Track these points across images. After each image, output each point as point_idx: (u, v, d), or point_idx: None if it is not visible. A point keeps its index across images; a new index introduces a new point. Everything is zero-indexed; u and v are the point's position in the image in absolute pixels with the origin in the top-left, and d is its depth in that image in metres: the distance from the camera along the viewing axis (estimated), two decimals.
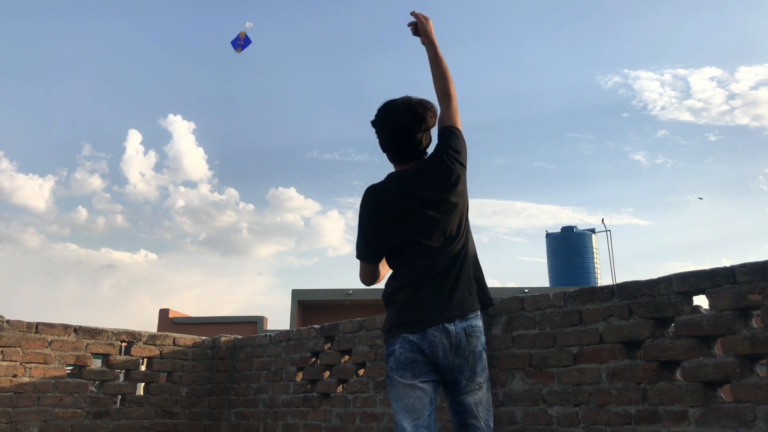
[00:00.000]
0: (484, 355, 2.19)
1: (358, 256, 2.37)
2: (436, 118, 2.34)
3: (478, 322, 2.17)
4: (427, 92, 2.41)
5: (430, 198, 2.22)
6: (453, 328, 2.09)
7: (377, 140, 2.37)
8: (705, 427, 2.65)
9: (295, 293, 20.07)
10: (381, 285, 2.43)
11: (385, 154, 2.38)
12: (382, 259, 2.36)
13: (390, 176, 2.35)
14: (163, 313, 22.77)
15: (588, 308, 3.16)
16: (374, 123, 2.35)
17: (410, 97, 2.31)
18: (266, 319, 22.03)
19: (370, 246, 2.32)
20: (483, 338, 2.17)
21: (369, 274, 2.39)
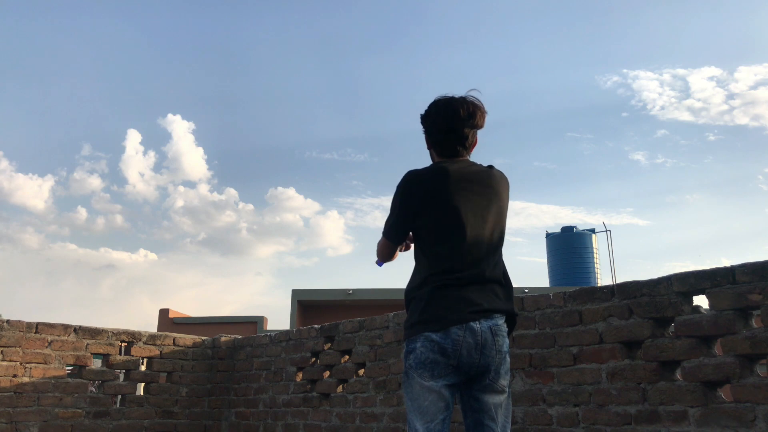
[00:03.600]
0: (508, 358, 2.11)
1: (385, 234, 2.33)
2: (484, 121, 2.29)
3: (503, 323, 2.09)
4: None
5: (475, 193, 2.17)
6: (478, 326, 2.00)
7: (424, 137, 2.32)
8: (705, 427, 2.65)
9: (295, 293, 20.05)
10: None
11: (429, 152, 2.35)
12: (404, 239, 2.34)
13: (435, 164, 2.28)
14: (163, 313, 22.74)
15: (588, 308, 3.16)
16: (424, 117, 2.29)
17: (464, 96, 2.26)
18: (266, 319, 22.00)
19: (401, 229, 2.27)
20: (507, 340, 2.10)
21: (387, 253, 2.37)
